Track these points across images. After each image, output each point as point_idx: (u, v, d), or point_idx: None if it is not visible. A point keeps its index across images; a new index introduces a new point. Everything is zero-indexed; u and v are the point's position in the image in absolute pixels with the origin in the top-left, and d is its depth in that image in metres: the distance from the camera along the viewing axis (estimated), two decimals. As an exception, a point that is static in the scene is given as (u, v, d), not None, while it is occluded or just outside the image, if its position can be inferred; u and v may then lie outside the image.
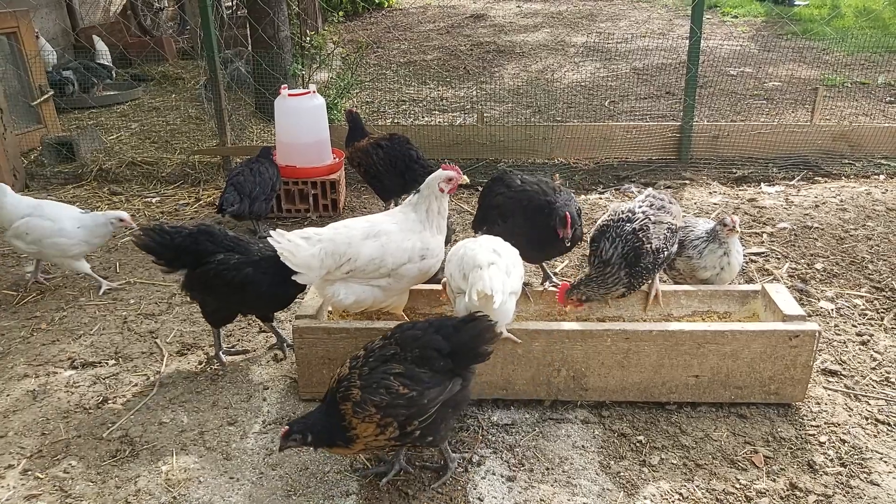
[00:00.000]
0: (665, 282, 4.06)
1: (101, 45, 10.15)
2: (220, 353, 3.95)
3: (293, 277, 3.40)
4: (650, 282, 3.82)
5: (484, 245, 3.31)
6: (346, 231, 3.49)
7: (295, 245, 3.37)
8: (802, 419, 3.40)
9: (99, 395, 3.72)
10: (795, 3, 13.40)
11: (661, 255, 3.68)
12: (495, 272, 3.11)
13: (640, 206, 3.81)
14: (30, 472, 3.19)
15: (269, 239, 3.44)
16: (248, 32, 8.74)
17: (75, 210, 4.71)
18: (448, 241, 4.14)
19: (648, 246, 3.60)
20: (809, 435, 3.30)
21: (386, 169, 5.49)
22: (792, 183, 6.31)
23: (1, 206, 4.60)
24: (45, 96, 7.58)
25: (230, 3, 11.53)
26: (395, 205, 5.87)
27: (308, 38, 8.27)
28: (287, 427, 2.84)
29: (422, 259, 3.48)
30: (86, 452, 3.30)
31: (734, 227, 3.81)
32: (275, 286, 3.61)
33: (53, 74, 8.60)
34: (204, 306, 3.85)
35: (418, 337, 2.89)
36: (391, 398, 2.76)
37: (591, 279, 3.64)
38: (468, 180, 3.70)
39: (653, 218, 3.71)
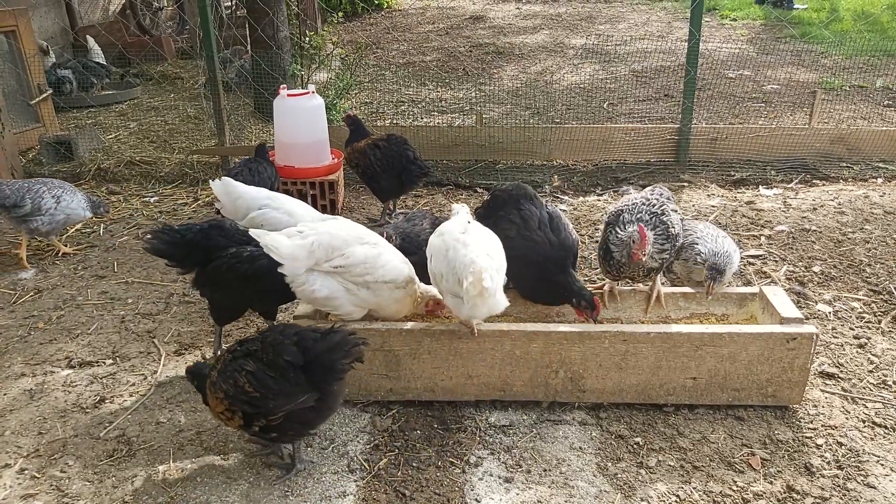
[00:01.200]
0: (663, 284, 4.06)
1: (93, 44, 10.12)
2: (219, 352, 3.94)
3: (278, 269, 3.32)
4: (652, 283, 3.82)
5: (473, 245, 3.27)
6: (348, 230, 3.48)
7: (277, 240, 3.33)
8: (800, 422, 3.41)
9: (96, 394, 3.72)
10: (794, 6, 13.41)
11: (676, 243, 3.66)
12: (486, 261, 3.15)
13: (652, 194, 3.80)
14: (26, 472, 3.18)
15: (250, 233, 3.40)
16: (248, 32, 8.74)
17: (307, 207, 4.49)
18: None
19: (672, 230, 3.58)
20: (806, 437, 3.30)
21: (383, 169, 5.49)
22: (790, 186, 6.32)
23: (238, 196, 4.41)
24: (44, 95, 7.57)
25: (229, 3, 11.50)
26: (394, 205, 5.89)
27: (307, 39, 8.27)
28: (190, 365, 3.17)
29: (404, 286, 3.48)
30: (83, 452, 3.30)
31: (708, 291, 3.67)
32: None
33: (51, 74, 8.58)
34: (214, 303, 3.82)
35: (277, 343, 2.88)
36: (236, 392, 2.85)
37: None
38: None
39: (669, 205, 3.71)
